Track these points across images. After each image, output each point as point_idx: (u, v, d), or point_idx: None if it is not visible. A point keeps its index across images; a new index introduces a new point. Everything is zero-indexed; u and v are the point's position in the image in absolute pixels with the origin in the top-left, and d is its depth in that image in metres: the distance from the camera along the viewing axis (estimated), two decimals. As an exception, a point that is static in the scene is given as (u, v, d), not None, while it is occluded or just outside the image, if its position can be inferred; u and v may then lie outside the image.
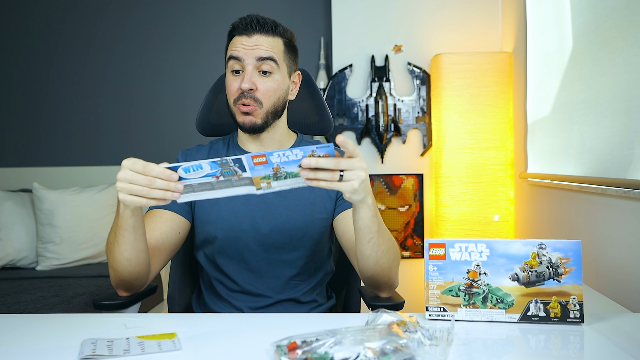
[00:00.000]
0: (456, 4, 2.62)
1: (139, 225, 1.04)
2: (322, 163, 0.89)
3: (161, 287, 2.66)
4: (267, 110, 1.20)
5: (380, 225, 1.06)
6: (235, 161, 0.89)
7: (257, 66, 1.18)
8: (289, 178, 0.91)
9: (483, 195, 2.40)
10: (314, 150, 0.89)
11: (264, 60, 1.18)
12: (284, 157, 0.89)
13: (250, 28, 1.18)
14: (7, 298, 2.10)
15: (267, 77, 1.19)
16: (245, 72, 1.18)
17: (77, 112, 3.11)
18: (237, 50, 1.18)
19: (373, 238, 1.05)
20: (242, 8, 3.03)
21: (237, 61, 1.18)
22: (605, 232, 1.57)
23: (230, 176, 0.91)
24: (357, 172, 0.92)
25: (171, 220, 1.21)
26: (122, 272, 1.10)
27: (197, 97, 2.99)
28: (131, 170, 0.91)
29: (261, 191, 0.93)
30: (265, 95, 1.19)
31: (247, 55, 1.17)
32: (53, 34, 3.10)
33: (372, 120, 2.63)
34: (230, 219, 1.23)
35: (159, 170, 0.90)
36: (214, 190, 0.93)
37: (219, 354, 0.86)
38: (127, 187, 0.91)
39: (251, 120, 1.20)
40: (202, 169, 0.90)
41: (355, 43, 2.67)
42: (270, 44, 1.19)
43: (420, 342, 0.77)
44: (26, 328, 0.98)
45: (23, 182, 3.04)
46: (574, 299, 0.96)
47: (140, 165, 0.91)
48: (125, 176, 0.91)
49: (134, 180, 0.91)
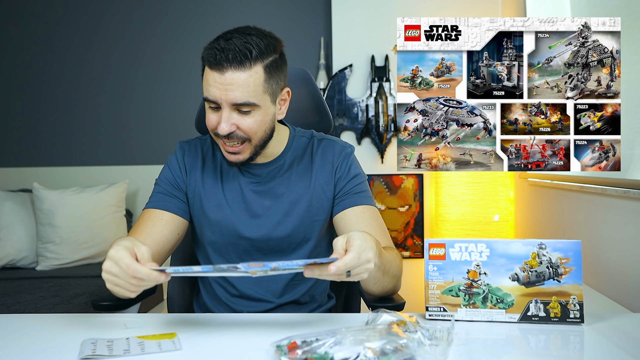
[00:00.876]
0: (456, 3, 2.63)
1: None
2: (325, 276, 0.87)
3: (161, 287, 2.66)
4: (256, 144, 1.14)
5: (386, 266, 1.04)
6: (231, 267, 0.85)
7: (235, 108, 1.08)
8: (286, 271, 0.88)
9: (483, 195, 2.40)
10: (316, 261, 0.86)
11: (240, 105, 1.08)
12: (282, 267, 0.85)
13: (222, 63, 1.04)
14: (7, 298, 2.10)
15: (247, 115, 1.09)
16: (222, 112, 1.08)
17: (77, 112, 3.11)
18: (211, 91, 1.07)
19: (378, 281, 1.07)
20: (242, 8, 3.03)
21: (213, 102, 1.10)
22: (605, 232, 1.57)
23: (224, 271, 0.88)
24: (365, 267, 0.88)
25: (171, 222, 1.20)
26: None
27: (197, 97, 2.99)
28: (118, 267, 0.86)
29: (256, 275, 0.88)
30: (251, 132, 1.11)
31: (222, 98, 1.07)
32: (53, 33, 3.10)
33: (372, 120, 2.63)
34: (228, 223, 1.22)
35: (144, 275, 0.85)
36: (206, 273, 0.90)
37: (219, 354, 0.86)
38: (113, 280, 0.88)
39: (238, 159, 1.14)
40: (192, 271, 0.88)
41: (355, 43, 2.67)
42: (245, 83, 1.05)
43: (420, 342, 0.77)
44: (26, 328, 0.98)
45: (23, 182, 3.04)
46: (574, 299, 0.96)
47: (125, 265, 0.85)
48: (112, 270, 0.87)
49: (120, 278, 0.87)
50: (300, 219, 1.21)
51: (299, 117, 1.43)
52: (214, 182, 1.23)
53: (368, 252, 0.88)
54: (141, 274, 0.85)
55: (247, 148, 1.13)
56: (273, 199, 1.22)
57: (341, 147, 1.26)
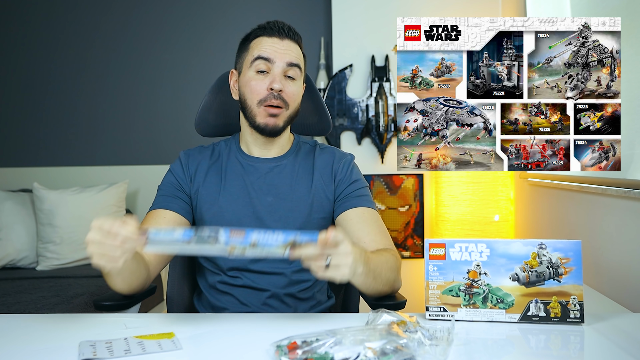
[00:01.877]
0: (456, 3, 2.63)
1: (125, 269, 1.04)
2: (305, 253, 0.87)
3: (161, 287, 2.66)
4: (291, 113, 1.23)
5: (376, 272, 1.04)
6: (211, 234, 0.86)
7: (285, 70, 1.19)
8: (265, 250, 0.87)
9: (483, 195, 2.40)
10: (297, 236, 0.86)
11: (292, 66, 1.20)
12: (263, 238, 0.86)
13: (282, 32, 1.20)
14: (7, 298, 2.10)
15: (292, 81, 1.21)
16: (273, 73, 1.18)
17: (77, 112, 3.11)
18: (268, 51, 1.19)
19: (371, 285, 1.06)
20: (242, 8, 3.03)
21: (265, 61, 1.19)
22: (605, 232, 1.57)
23: (203, 243, 0.87)
24: (343, 259, 0.89)
25: (174, 221, 1.22)
26: (120, 292, 1.14)
27: (197, 97, 2.99)
28: (100, 232, 0.88)
29: (233, 256, 0.88)
30: (292, 98, 1.21)
31: (278, 58, 1.18)
32: (53, 34, 3.10)
33: (372, 120, 2.63)
34: (231, 220, 1.23)
35: (126, 233, 0.87)
36: (184, 249, 0.89)
37: (219, 354, 0.86)
38: (98, 250, 0.88)
39: (275, 123, 1.20)
40: (173, 235, 0.87)
41: (356, 43, 2.67)
42: (297, 51, 1.22)
43: (420, 342, 0.77)
44: (26, 328, 0.98)
45: (23, 182, 3.04)
46: (574, 299, 0.96)
47: (107, 227, 0.87)
48: (95, 238, 0.87)
49: (105, 241, 0.87)
50: (301, 216, 1.23)
51: (299, 118, 1.42)
52: (218, 181, 1.26)
53: (348, 247, 0.89)
54: (122, 233, 0.86)
55: (284, 115, 1.21)
56: (276, 195, 1.24)
57: (342, 154, 1.32)
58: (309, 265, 0.89)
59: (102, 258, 0.88)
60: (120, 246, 0.87)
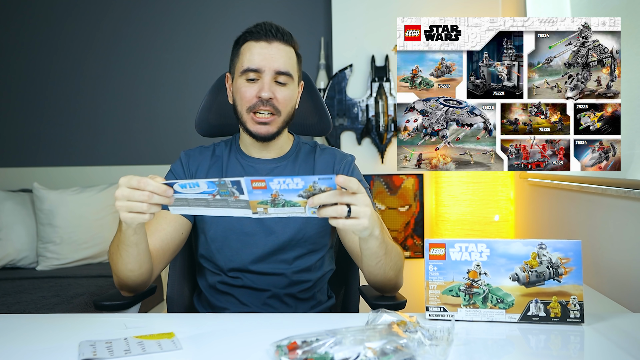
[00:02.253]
0: (456, 3, 2.63)
1: (141, 241, 1.05)
2: (324, 199, 0.87)
3: (161, 287, 2.66)
4: (284, 118, 1.22)
5: (387, 245, 1.07)
6: (234, 183, 0.87)
7: (275, 77, 1.19)
8: (287, 206, 0.88)
9: (483, 195, 2.40)
10: (315, 182, 0.86)
11: (281, 74, 1.19)
12: (284, 184, 0.86)
13: (270, 35, 1.18)
14: (7, 298, 2.10)
15: (283, 87, 1.20)
16: (263, 80, 1.18)
17: (77, 112, 3.11)
18: (256, 60, 1.17)
19: (381, 261, 1.07)
20: (242, 8, 3.03)
21: (254, 72, 1.18)
22: (605, 232, 1.57)
23: (227, 197, 0.89)
24: (363, 209, 0.89)
25: (174, 221, 1.22)
26: (126, 280, 1.13)
27: (197, 98, 2.98)
28: (128, 187, 0.91)
29: (257, 215, 0.90)
30: (283, 104, 1.20)
31: (266, 66, 1.17)
32: (53, 34, 3.10)
33: (372, 120, 2.63)
34: (231, 220, 1.23)
35: (154, 186, 0.90)
36: (209, 207, 0.91)
37: (219, 354, 0.86)
38: (126, 205, 0.92)
39: (268, 130, 1.20)
40: (198, 187, 0.89)
41: (356, 43, 2.67)
42: (287, 55, 1.20)
43: (420, 342, 0.77)
44: (26, 328, 0.98)
45: (23, 182, 3.04)
46: (574, 299, 0.96)
47: (135, 181, 0.91)
48: (123, 193, 0.91)
49: (132, 197, 0.91)
50: (301, 218, 1.23)
51: (299, 118, 1.43)
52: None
53: (367, 199, 0.90)
54: (151, 187, 0.90)
55: (276, 122, 1.20)
56: None
57: (343, 155, 1.33)
58: (327, 214, 0.88)
59: (130, 213, 0.92)
60: (148, 200, 0.90)
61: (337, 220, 0.89)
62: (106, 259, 2.73)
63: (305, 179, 0.85)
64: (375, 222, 0.96)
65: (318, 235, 1.26)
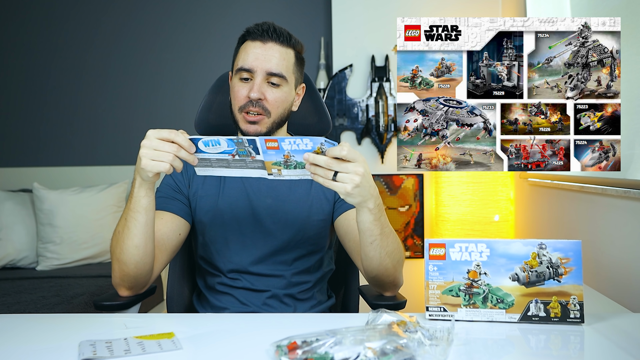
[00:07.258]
0: (456, 3, 2.63)
1: (150, 209, 1.06)
2: (317, 160, 0.92)
3: (161, 287, 2.66)
4: (274, 120, 1.21)
5: (384, 228, 1.07)
6: (250, 142, 0.93)
7: (267, 78, 1.19)
8: (298, 168, 0.95)
9: (483, 195, 2.40)
10: (322, 143, 0.92)
11: (273, 75, 1.18)
12: (294, 144, 0.92)
13: (266, 35, 1.18)
14: (7, 298, 2.10)
15: (275, 88, 1.20)
16: (254, 80, 1.18)
17: (77, 112, 3.11)
18: (249, 60, 1.18)
19: (376, 240, 1.06)
20: (241, 8, 3.03)
21: (247, 71, 1.18)
22: (605, 232, 1.57)
23: (244, 156, 0.95)
24: (350, 176, 0.93)
25: (171, 221, 1.21)
26: (129, 263, 1.08)
27: (197, 98, 2.98)
28: (157, 139, 0.95)
29: (272, 177, 0.97)
30: (274, 106, 1.20)
31: (258, 67, 1.17)
32: (53, 34, 3.10)
33: (372, 120, 2.63)
34: (230, 222, 1.23)
35: (183, 139, 0.95)
36: (229, 168, 0.98)
37: (219, 354, 0.86)
38: (151, 154, 0.95)
39: (256, 130, 1.20)
40: (220, 145, 0.95)
41: (356, 43, 2.67)
42: (282, 56, 1.19)
43: (420, 342, 0.77)
44: (26, 328, 0.98)
45: (23, 182, 3.04)
46: (574, 299, 0.96)
47: (166, 133, 0.95)
48: (152, 143, 0.95)
49: (159, 147, 0.95)
50: (301, 218, 1.24)
51: (298, 118, 1.43)
52: (217, 184, 1.26)
53: (360, 168, 0.94)
54: (180, 140, 0.94)
55: (265, 122, 1.20)
56: (275, 197, 1.24)
57: None
58: (315, 171, 0.93)
59: (151, 162, 0.95)
60: (175, 152, 0.94)
61: (323, 180, 0.94)
62: (106, 259, 2.73)
63: (314, 140, 0.92)
64: (367, 195, 0.99)
65: (317, 236, 1.27)
